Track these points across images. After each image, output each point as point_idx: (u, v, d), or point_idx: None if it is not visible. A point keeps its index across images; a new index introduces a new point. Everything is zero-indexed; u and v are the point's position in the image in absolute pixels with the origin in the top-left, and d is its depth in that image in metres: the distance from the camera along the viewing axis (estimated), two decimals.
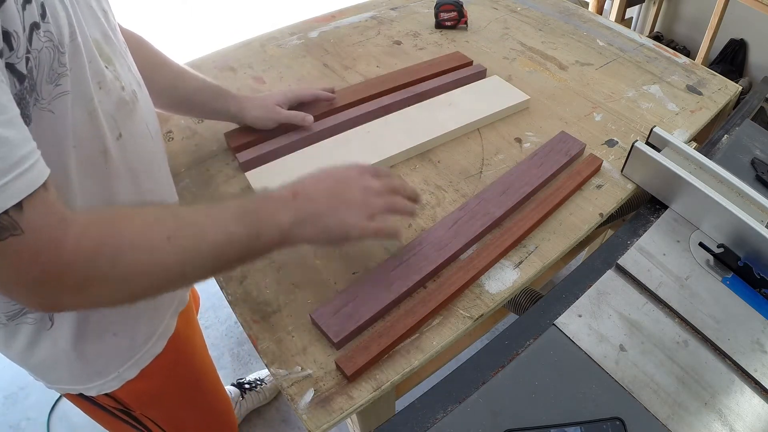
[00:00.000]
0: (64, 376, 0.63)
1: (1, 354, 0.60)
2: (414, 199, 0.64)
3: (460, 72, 1.01)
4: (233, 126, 0.86)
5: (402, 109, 0.92)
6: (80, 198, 0.51)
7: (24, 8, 0.39)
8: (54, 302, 0.43)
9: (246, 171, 0.80)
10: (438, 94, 0.95)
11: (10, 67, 0.38)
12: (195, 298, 1.01)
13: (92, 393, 0.65)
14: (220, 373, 0.93)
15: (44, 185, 0.39)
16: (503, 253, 0.70)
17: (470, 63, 1.05)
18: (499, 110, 0.92)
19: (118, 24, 0.68)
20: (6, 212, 0.36)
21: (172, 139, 0.90)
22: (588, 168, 0.81)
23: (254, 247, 0.52)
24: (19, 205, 0.37)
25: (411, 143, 0.84)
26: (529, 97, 0.95)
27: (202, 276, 0.50)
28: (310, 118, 0.85)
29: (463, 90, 0.97)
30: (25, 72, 0.40)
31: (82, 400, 0.67)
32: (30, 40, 0.40)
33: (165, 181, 0.68)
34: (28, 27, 0.39)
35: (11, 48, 0.38)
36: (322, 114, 0.89)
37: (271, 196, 0.55)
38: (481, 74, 1.02)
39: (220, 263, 0.51)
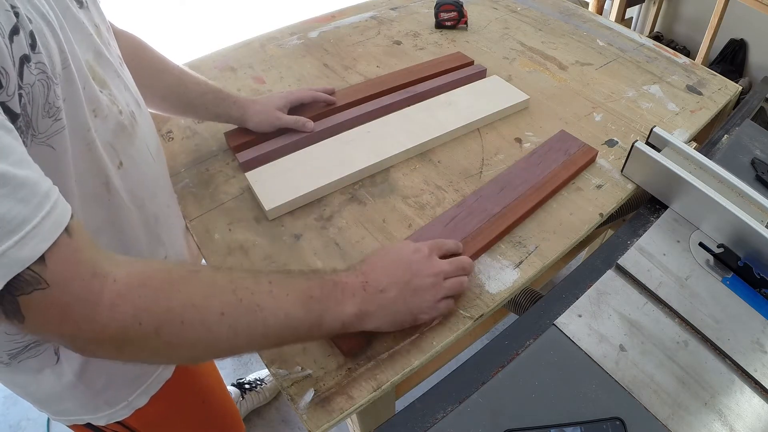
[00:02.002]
0: (71, 408, 0.61)
1: (2, 386, 0.58)
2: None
3: (461, 72, 1.01)
4: (233, 126, 0.86)
5: (402, 109, 0.92)
6: None
7: (11, 40, 0.35)
8: (93, 354, 0.41)
9: (246, 171, 0.79)
10: (438, 94, 0.95)
11: (2, 106, 0.35)
12: None
13: (101, 423, 0.63)
14: (221, 374, 0.92)
15: (67, 230, 0.36)
16: (494, 241, 0.70)
17: (470, 63, 1.05)
18: (499, 110, 0.92)
19: (117, 28, 0.66)
20: (28, 267, 0.33)
21: (172, 139, 0.90)
22: (583, 158, 0.82)
23: (312, 333, 0.50)
24: (41, 259, 0.33)
25: (411, 143, 0.84)
26: (529, 97, 0.95)
27: (253, 350, 0.49)
28: (310, 124, 0.85)
29: (463, 90, 0.96)
30: (18, 110, 0.36)
31: (89, 430, 0.65)
32: (21, 75, 0.36)
33: (169, 202, 0.66)
34: (18, 61, 0.36)
35: (1, 86, 0.34)
36: (322, 114, 0.89)
37: (340, 282, 0.52)
38: (481, 74, 1.02)
39: (273, 343, 0.50)
